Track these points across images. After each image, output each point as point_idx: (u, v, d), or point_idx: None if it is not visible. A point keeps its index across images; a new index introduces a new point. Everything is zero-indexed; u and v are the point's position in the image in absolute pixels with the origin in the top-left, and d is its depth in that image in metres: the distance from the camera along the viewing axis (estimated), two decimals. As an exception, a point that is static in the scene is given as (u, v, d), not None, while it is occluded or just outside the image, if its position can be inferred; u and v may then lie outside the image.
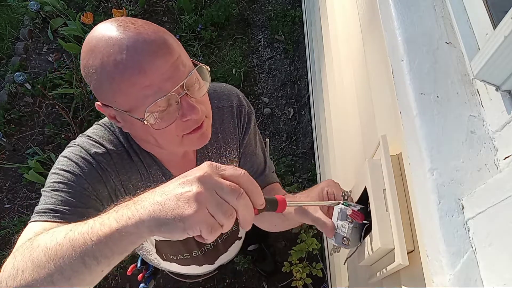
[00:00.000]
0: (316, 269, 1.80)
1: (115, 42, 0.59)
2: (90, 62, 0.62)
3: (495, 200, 0.44)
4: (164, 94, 0.61)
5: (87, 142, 0.76)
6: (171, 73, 0.61)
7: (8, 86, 2.59)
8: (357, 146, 1.05)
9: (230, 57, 2.69)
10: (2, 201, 2.34)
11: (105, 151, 0.76)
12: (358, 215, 0.66)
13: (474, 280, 0.45)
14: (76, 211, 0.69)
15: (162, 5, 2.94)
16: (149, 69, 0.59)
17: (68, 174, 0.71)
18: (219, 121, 0.88)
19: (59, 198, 0.69)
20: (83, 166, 0.73)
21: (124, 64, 0.59)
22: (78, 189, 0.71)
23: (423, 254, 0.55)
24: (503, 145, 0.52)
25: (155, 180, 0.83)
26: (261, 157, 1.00)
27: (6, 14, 2.97)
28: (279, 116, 2.52)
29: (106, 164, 0.75)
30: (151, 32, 0.61)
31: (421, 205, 0.55)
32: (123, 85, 0.60)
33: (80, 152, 0.74)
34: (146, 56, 0.59)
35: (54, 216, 0.67)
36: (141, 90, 0.60)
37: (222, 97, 0.88)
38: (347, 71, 1.25)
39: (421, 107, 0.57)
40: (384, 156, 0.66)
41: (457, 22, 0.63)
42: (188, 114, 0.64)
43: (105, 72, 0.60)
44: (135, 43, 0.59)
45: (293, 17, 2.78)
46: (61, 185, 0.70)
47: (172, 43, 0.63)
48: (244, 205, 0.48)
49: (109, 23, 0.62)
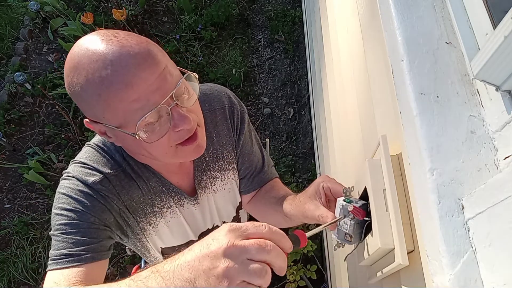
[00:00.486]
0: (310, 271, 1.79)
1: (98, 57, 0.57)
2: (74, 80, 0.60)
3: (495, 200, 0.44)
4: (154, 107, 0.60)
5: (82, 171, 0.74)
6: (158, 84, 0.60)
7: (8, 86, 2.59)
8: (357, 146, 1.05)
9: (230, 57, 2.69)
10: (2, 201, 2.34)
11: (102, 177, 0.74)
12: (360, 211, 0.66)
13: (474, 280, 0.45)
14: (90, 249, 0.71)
15: (162, 5, 2.94)
16: (135, 82, 0.57)
17: (71, 214, 0.71)
18: (213, 124, 0.87)
19: (70, 240, 0.70)
20: (84, 200, 0.72)
21: (109, 80, 0.57)
22: (86, 226, 0.71)
23: (423, 254, 0.55)
24: (503, 145, 0.52)
25: (155, 192, 0.83)
26: (259, 154, 0.99)
27: (6, 14, 2.97)
28: (279, 116, 2.52)
29: (106, 191, 0.74)
30: (135, 44, 0.59)
31: (421, 205, 0.55)
32: (110, 101, 0.58)
33: (77, 186, 0.73)
34: (131, 70, 0.57)
35: (70, 261, 0.69)
36: (129, 104, 0.59)
37: (213, 100, 0.87)
38: (347, 71, 1.25)
39: (421, 107, 0.57)
40: (384, 156, 0.66)
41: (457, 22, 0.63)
42: (180, 124, 0.63)
43: (90, 89, 0.58)
44: (119, 57, 0.57)
45: (293, 17, 2.78)
46: (68, 227, 0.71)
47: (157, 54, 0.61)
48: (275, 256, 0.48)
49: (91, 36, 0.61)
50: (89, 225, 0.72)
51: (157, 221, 0.87)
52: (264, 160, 1.00)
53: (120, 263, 2.12)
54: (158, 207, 0.85)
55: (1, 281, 2.10)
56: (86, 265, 0.70)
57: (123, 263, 2.12)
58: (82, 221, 0.71)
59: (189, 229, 0.95)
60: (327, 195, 0.75)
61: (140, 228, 0.84)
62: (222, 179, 0.93)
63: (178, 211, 0.88)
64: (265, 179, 0.99)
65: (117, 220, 0.78)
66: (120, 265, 2.12)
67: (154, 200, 0.83)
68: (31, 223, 2.22)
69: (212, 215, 0.98)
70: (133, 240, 0.87)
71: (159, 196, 0.84)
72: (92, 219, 0.72)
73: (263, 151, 1.01)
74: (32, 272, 2.12)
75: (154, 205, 0.84)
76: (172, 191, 0.84)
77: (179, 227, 0.92)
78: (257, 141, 1.00)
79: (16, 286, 2.11)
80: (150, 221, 0.85)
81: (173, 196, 0.85)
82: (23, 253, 2.16)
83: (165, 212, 0.86)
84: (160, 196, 0.84)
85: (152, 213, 0.84)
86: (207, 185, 0.91)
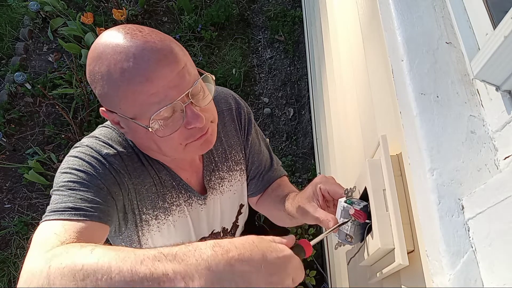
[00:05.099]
0: (309, 276, 1.79)
1: (122, 49, 0.59)
2: (96, 68, 0.62)
3: (495, 200, 0.44)
4: (170, 102, 0.62)
5: (96, 143, 0.73)
6: (177, 81, 0.61)
7: (8, 86, 2.59)
8: (357, 146, 1.05)
9: (230, 57, 2.69)
10: (2, 201, 2.33)
11: (116, 152, 0.73)
12: (361, 214, 0.66)
13: (474, 280, 0.45)
14: (98, 209, 0.65)
15: (162, 5, 2.94)
16: (155, 77, 0.59)
17: (82, 174, 0.67)
18: (221, 125, 0.88)
19: (78, 196, 0.65)
20: (97, 166, 0.69)
21: (130, 72, 0.59)
22: (95, 189, 0.67)
23: (423, 254, 0.55)
24: (503, 145, 0.52)
25: (165, 186, 0.82)
26: (267, 153, 1.00)
27: (6, 14, 2.97)
28: (279, 116, 2.52)
29: (118, 166, 0.72)
30: (158, 40, 0.61)
31: (421, 205, 0.55)
32: (129, 92, 0.60)
33: (91, 152, 0.70)
34: (152, 65, 0.59)
35: (76, 214, 0.62)
36: (147, 98, 0.61)
37: (220, 101, 0.89)
38: (347, 71, 1.25)
39: (421, 107, 0.57)
40: (384, 156, 0.66)
41: (457, 22, 0.63)
42: (193, 122, 0.65)
43: (111, 79, 0.60)
44: (142, 51, 0.59)
45: (293, 17, 2.78)
46: (76, 184, 0.66)
47: (179, 52, 0.63)
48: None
49: (117, 30, 0.63)
50: (98, 190, 0.67)
51: (165, 219, 0.85)
52: (272, 159, 1.01)
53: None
54: (168, 203, 0.83)
55: (1, 281, 2.10)
56: (92, 222, 0.63)
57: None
58: (92, 184, 0.67)
59: (193, 231, 0.94)
60: (325, 197, 0.76)
61: (142, 221, 0.81)
62: (229, 180, 0.93)
63: (186, 210, 0.87)
64: (274, 177, 1.00)
65: (123, 200, 0.74)
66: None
67: (165, 194, 0.82)
68: (31, 223, 2.21)
69: (215, 219, 0.97)
70: (130, 233, 0.82)
71: (169, 191, 0.82)
72: (102, 186, 0.68)
73: (271, 151, 1.02)
74: (32, 272, 2.12)
75: (165, 200, 0.82)
76: (182, 187, 0.84)
77: (184, 228, 0.91)
78: (264, 141, 1.01)
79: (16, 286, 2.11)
80: (157, 216, 0.83)
81: (182, 193, 0.85)
82: (23, 253, 2.16)
83: (174, 209, 0.85)
84: (170, 191, 0.83)
85: (162, 208, 0.83)
86: (215, 186, 0.91)
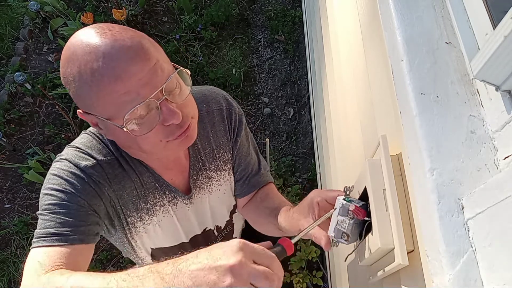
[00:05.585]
0: (316, 277, 1.80)
1: (91, 49, 0.59)
2: (68, 70, 0.61)
3: (495, 200, 0.44)
4: (142, 100, 0.61)
5: (75, 154, 0.74)
6: (148, 78, 0.60)
7: (8, 86, 2.59)
8: (357, 146, 1.05)
9: (230, 57, 2.69)
10: (2, 201, 2.34)
11: (95, 162, 0.74)
12: (360, 211, 0.66)
13: (474, 280, 0.45)
14: (78, 231, 0.69)
15: (162, 5, 2.94)
16: (125, 76, 0.58)
17: (61, 194, 0.70)
18: (210, 124, 0.87)
19: (58, 220, 0.69)
20: (75, 182, 0.71)
21: (100, 72, 0.58)
22: (75, 208, 0.70)
23: (423, 254, 0.55)
24: (503, 145, 0.52)
25: (148, 188, 0.82)
26: (255, 157, 0.99)
27: (6, 14, 2.97)
28: (279, 116, 2.52)
29: (98, 177, 0.74)
30: (128, 38, 0.60)
31: (421, 205, 0.55)
32: (101, 93, 0.60)
33: (69, 168, 0.72)
34: (122, 63, 0.58)
35: (56, 240, 0.67)
36: (118, 97, 0.60)
37: (211, 101, 0.88)
38: (347, 71, 1.25)
39: (421, 107, 0.57)
40: (384, 156, 0.66)
41: (457, 22, 0.63)
42: (169, 119, 0.64)
43: (82, 80, 0.60)
44: (111, 50, 0.58)
45: (293, 17, 2.78)
46: (56, 207, 0.69)
47: (150, 48, 0.62)
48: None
49: (87, 29, 0.62)
50: (78, 208, 0.70)
51: (149, 219, 0.86)
52: (260, 163, 1.00)
53: (120, 263, 2.12)
54: (151, 204, 0.84)
55: (1, 281, 2.10)
56: (73, 246, 0.68)
57: (123, 263, 2.12)
58: (72, 203, 0.70)
59: (181, 230, 0.94)
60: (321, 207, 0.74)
61: (129, 224, 0.83)
62: (218, 179, 0.92)
63: (171, 209, 0.87)
64: (260, 182, 0.98)
65: (106, 208, 0.77)
66: (120, 265, 2.12)
67: (147, 196, 0.82)
68: (31, 223, 2.22)
69: (205, 218, 0.97)
70: (120, 235, 0.85)
71: (152, 192, 0.83)
72: (82, 202, 0.71)
73: (259, 155, 1.01)
74: (32, 272, 2.12)
75: (147, 202, 0.83)
76: (166, 188, 0.84)
77: (171, 227, 0.92)
78: (253, 144, 1.00)
79: (16, 286, 2.11)
80: (141, 217, 0.84)
81: (166, 193, 0.85)
82: (23, 253, 2.16)
83: (157, 210, 0.85)
84: (153, 193, 0.83)
85: (144, 209, 0.83)
86: (202, 185, 0.90)
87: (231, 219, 1.06)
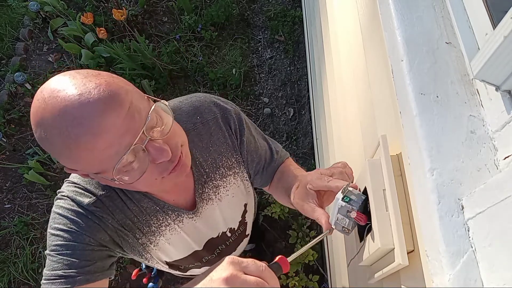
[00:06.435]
0: (312, 281, 1.79)
1: (59, 111, 0.55)
2: (42, 135, 0.57)
3: (495, 200, 0.44)
4: (127, 149, 0.58)
5: (75, 191, 0.75)
6: (126, 125, 0.57)
7: (8, 86, 2.59)
8: (357, 146, 1.05)
9: (230, 57, 2.69)
10: (2, 201, 2.34)
11: (95, 199, 0.75)
12: (362, 217, 0.65)
13: (474, 280, 0.45)
14: (84, 271, 0.73)
15: (162, 5, 2.94)
16: (102, 130, 0.55)
17: (67, 234, 0.72)
18: (207, 135, 0.85)
19: (65, 262, 0.72)
20: (80, 221, 0.73)
21: (75, 133, 0.55)
22: (81, 247, 0.73)
23: (423, 254, 0.55)
24: (503, 145, 0.52)
25: (149, 213, 0.82)
26: (264, 145, 0.98)
27: (6, 14, 2.97)
28: (279, 116, 2.52)
29: (100, 212, 0.75)
30: (93, 88, 0.56)
31: (421, 205, 0.55)
32: (82, 153, 0.56)
33: (72, 206, 0.74)
34: (95, 119, 0.54)
35: (65, 282, 0.71)
36: (101, 153, 0.57)
37: (204, 111, 0.85)
38: (347, 71, 1.25)
39: (421, 107, 0.57)
40: (384, 156, 0.66)
41: (457, 22, 0.63)
42: (159, 158, 0.61)
43: (60, 144, 0.56)
44: (79, 108, 0.54)
45: (293, 17, 2.78)
46: (63, 248, 0.72)
47: (119, 93, 0.57)
48: None
49: (49, 88, 0.57)
50: (84, 247, 0.73)
51: (157, 239, 0.87)
52: (272, 148, 0.99)
53: (120, 263, 2.12)
54: (155, 227, 0.84)
55: (1, 281, 2.10)
56: (80, 286, 0.72)
57: (123, 263, 2.12)
58: (78, 243, 0.73)
59: (192, 241, 0.95)
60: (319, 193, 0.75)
61: (141, 244, 0.85)
62: (224, 186, 0.92)
63: (178, 227, 0.88)
64: (276, 167, 0.99)
65: (113, 238, 0.79)
66: (121, 265, 2.12)
67: (149, 221, 0.83)
68: (31, 223, 2.22)
69: (217, 225, 0.97)
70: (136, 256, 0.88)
71: (154, 215, 0.83)
72: (88, 240, 0.73)
73: (268, 140, 1.00)
74: (32, 272, 2.12)
75: (150, 225, 0.83)
76: (168, 209, 0.84)
77: (181, 242, 0.92)
78: (259, 133, 0.98)
79: (16, 286, 2.11)
80: (150, 240, 0.85)
81: (169, 214, 0.84)
82: (23, 253, 2.16)
83: (163, 230, 0.86)
84: (155, 216, 0.83)
85: (150, 232, 0.84)
86: (210, 196, 0.90)
87: (244, 219, 1.06)
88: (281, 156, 1.00)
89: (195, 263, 1.05)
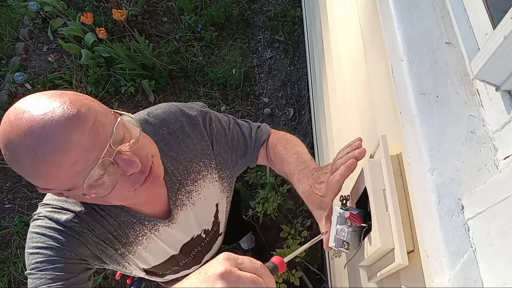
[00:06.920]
0: (294, 276, 1.77)
1: (24, 132, 0.56)
2: (11, 157, 0.59)
3: (495, 200, 0.44)
4: (94, 164, 0.59)
5: (52, 211, 0.75)
6: (92, 140, 0.58)
7: (8, 86, 2.59)
8: (357, 146, 1.05)
9: (230, 57, 2.69)
10: (2, 201, 2.34)
11: (74, 215, 0.75)
12: (356, 218, 0.66)
13: (474, 280, 0.45)
14: (70, 283, 0.72)
15: (162, 5, 2.94)
16: (68, 147, 0.56)
17: (47, 251, 0.71)
18: (176, 144, 0.86)
19: (48, 276, 0.70)
20: (59, 237, 0.72)
21: (42, 152, 0.56)
22: (63, 261, 0.72)
23: (423, 254, 0.55)
24: (503, 145, 0.52)
25: (126, 225, 0.82)
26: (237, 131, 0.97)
27: (6, 14, 2.97)
28: (279, 116, 2.52)
29: (80, 227, 0.75)
30: (57, 107, 0.57)
31: (421, 205, 0.55)
32: (51, 171, 0.58)
33: (50, 224, 0.73)
34: (60, 136, 0.56)
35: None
36: (70, 169, 0.58)
37: (170, 122, 0.86)
38: (347, 71, 1.25)
39: (421, 107, 0.57)
40: (384, 156, 0.66)
41: (457, 22, 0.63)
42: (128, 170, 0.62)
43: (28, 164, 0.58)
44: (44, 126, 0.56)
45: (293, 17, 2.78)
46: (44, 264, 0.71)
47: (83, 110, 0.59)
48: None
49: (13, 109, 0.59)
50: (66, 261, 0.72)
51: (135, 249, 0.87)
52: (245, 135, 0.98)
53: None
54: (133, 237, 0.85)
55: (1, 281, 2.10)
56: None
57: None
58: (59, 257, 0.72)
59: (168, 247, 0.96)
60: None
61: (119, 255, 0.85)
62: (196, 190, 0.93)
63: (154, 236, 0.89)
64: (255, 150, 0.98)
65: (93, 252, 0.79)
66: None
67: (127, 233, 0.84)
68: (31, 223, 2.22)
69: (192, 228, 0.99)
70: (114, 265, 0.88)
71: (131, 227, 0.84)
72: (69, 254, 0.73)
73: (241, 126, 0.99)
74: (32, 272, 2.12)
75: (128, 237, 0.84)
76: (145, 220, 0.84)
77: (158, 249, 0.93)
78: (228, 121, 0.97)
79: (16, 286, 2.11)
80: (128, 250, 0.86)
81: (146, 224, 0.85)
82: (23, 253, 2.16)
83: (140, 240, 0.87)
84: (133, 227, 0.84)
85: (128, 243, 0.85)
86: (183, 202, 0.91)
87: (216, 219, 1.07)
88: (257, 138, 0.99)
89: (172, 268, 1.07)
